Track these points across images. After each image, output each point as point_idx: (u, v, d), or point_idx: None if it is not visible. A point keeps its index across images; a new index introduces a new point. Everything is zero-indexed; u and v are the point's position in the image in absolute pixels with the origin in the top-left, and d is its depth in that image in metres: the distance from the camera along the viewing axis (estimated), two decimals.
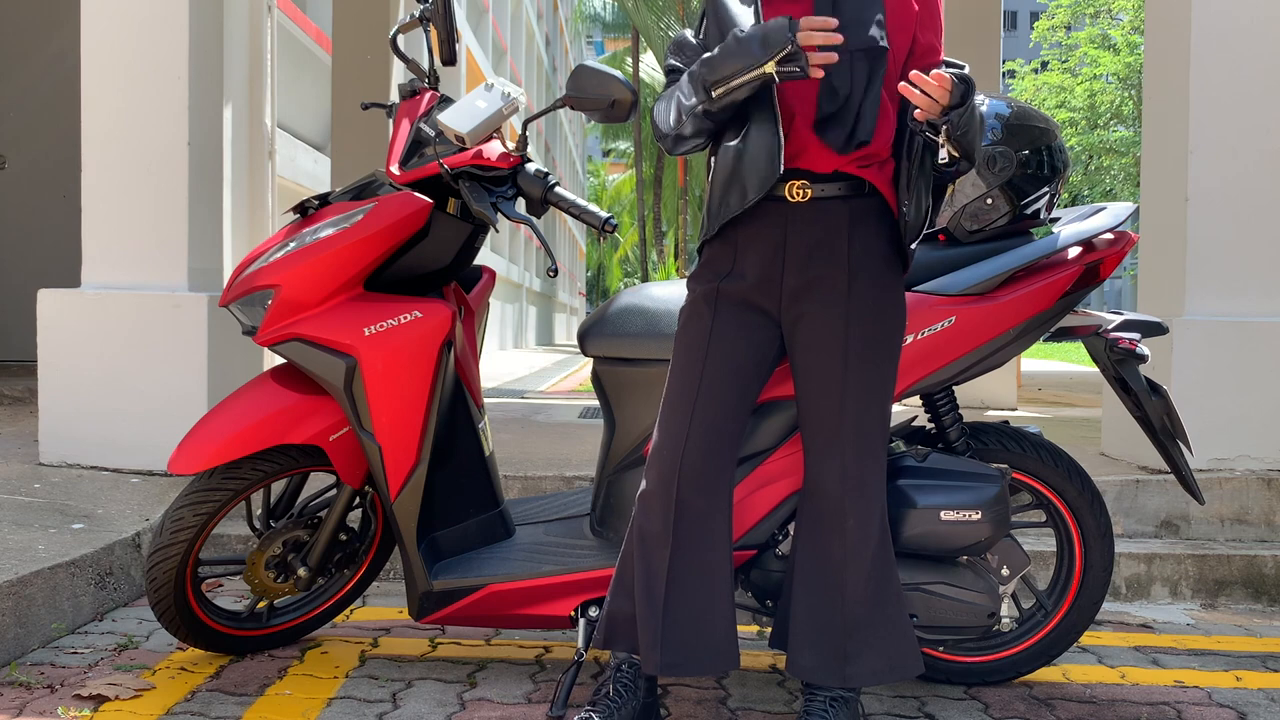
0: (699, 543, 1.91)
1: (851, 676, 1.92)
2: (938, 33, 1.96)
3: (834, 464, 1.90)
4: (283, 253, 2.22)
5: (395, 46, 2.35)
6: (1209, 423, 3.37)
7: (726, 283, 1.93)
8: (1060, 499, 2.31)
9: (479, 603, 2.24)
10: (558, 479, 3.28)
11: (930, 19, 1.95)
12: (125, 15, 3.45)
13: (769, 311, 1.93)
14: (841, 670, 1.92)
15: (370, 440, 2.18)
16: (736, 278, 1.92)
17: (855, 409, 1.89)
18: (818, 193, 1.88)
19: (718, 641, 1.93)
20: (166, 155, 3.44)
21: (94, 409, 3.39)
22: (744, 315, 1.93)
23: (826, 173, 1.88)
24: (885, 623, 1.93)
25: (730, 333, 1.92)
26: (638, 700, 1.98)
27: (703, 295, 1.95)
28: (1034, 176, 2.20)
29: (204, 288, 3.50)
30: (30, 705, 2.06)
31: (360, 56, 6.10)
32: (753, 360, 1.93)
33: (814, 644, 1.94)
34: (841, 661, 1.92)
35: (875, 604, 1.92)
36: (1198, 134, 3.47)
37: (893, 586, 1.95)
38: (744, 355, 1.92)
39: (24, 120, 6.95)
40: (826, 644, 1.92)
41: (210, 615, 2.33)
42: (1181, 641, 2.74)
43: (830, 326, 1.89)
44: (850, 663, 1.92)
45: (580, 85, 1.99)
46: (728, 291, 1.93)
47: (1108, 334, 2.25)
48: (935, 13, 1.95)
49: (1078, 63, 24.61)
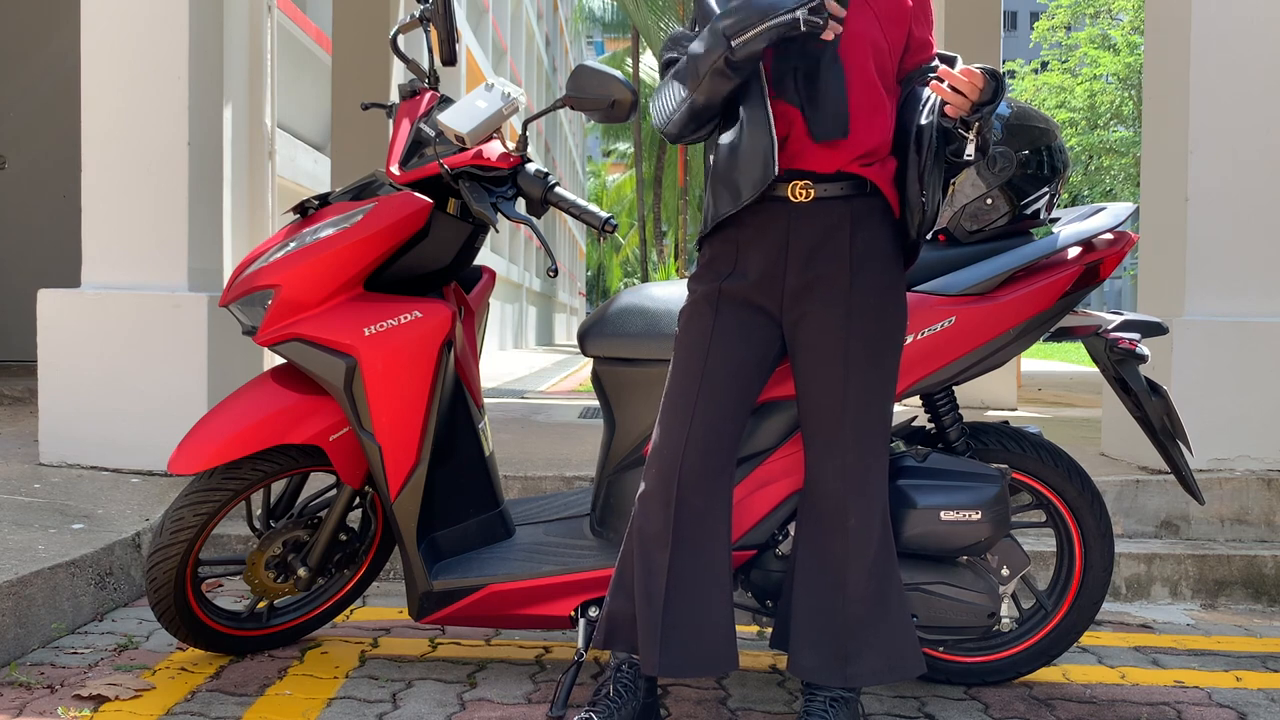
0: (699, 543, 1.91)
1: (852, 676, 1.92)
2: (930, 27, 1.96)
3: (835, 463, 1.90)
4: (283, 253, 2.22)
5: (395, 46, 2.35)
6: (1209, 423, 3.37)
7: (729, 283, 1.92)
8: (1060, 499, 2.31)
9: (479, 603, 2.24)
10: (558, 479, 3.28)
11: (923, 13, 1.94)
12: (125, 15, 3.45)
13: (770, 311, 1.93)
14: (842, 670, 1.92)
15: (370, 440, 2.18)
16: (739, 277, 1.92)
17: (856, 408, 1.89)
18: (820, 193, 1.87)
19: (717, 643, 1.93)
20: (166, 155, 3.44)
21: (94, 409, 3.39)
22: (745, 315, 1.93)
23: (829, 173, 1.88)
24: (886, 622, 1.93)
25: (731, 333, 1.92)
26: (638, 701, 1.98)
27: (704, 295, 1.94)
28: (1034, 177, 2.20)
29: (204, 288, 3.50)
30: (30, 705, 2.06)
31: (360, 56, 6.10)
32: (754, 360, 1.93)
33: (814, 644, 1.93)
34: (842, 661, 1.92)
35: (876, 603, 1.92)
36: (1198, 134, 3.47)
37: (894, 586, 1.95)
38: (745, 356, 1.92)
39: (24, 120, 6.95)
40: (827, 644, 1.92)
41: (210, 615, 2.33)
42: (1181, 642, 2.74)
43: (832, 326, 1.88)
44: (851, 662, 1.92)
45: (580, 85, 1.99)
46: (729, 291, 1.92)
47: (1108, 334, 2.25)
48: (928, 6, 1.95)
49: (1078, 63, 24.60)
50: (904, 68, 1.93)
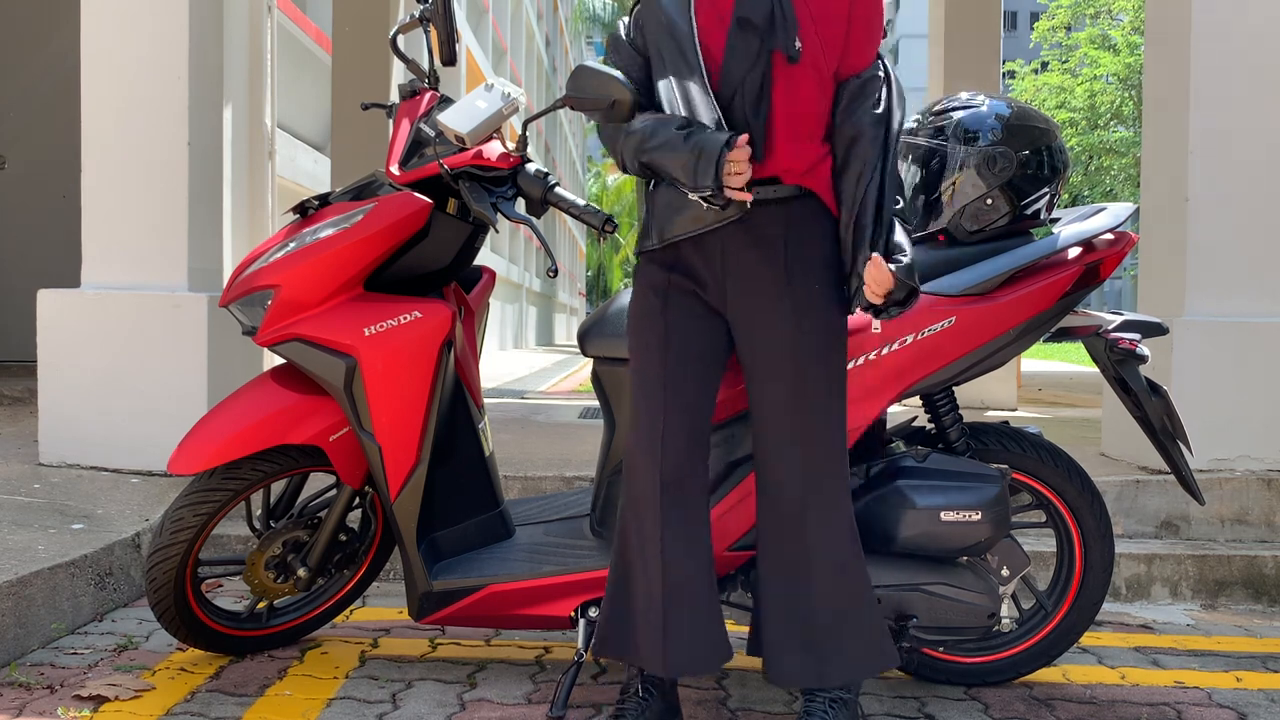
0: (690, 537, 1.92)
1: (829, 676, 1.92)
2: (873, 34, 1.90)
3: (787, 463, 1.90)
4: (283, 253, 2.22)
5: (395, 47, 2.35)
6: (1209, 423, 3.37)
7: (675, 274, 1.95)
8: (1060, 499, 2.31)
9: (479, 603, 2.24)
10: (558, 479, 3.28)
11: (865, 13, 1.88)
12: (125, 15, 3.45)
13: (714, 307, 1.96)
14: (818, 670, 1.92)
15: (370, 440, 2.18)
16: (683, 272, 1.95)
17: (806, 406, 1.89)
18: (756, 195, 1.87)
19: (715, 636, 1.94)
20: (166, 155, 3.44)
21: (94, 409, 3.39)
22: (694, 305, 1.95)
23: (764, 177, 1.88)
24: (857, 619, 1.93)
25: (683, 322, 1.94)
26: (663, 703, 1.98)
27: (650, 285, 1.96)
28: (1034, 177, 2.20)
29: (204, 288, 3.50)
30: (30, 705, 2.06)
31: (360, 56, 6.10)
32: (709, 346, 1.95)
33: (789, 649, 1.94)
34: (817, 663, 1.92)
35: (846, 602, 1.92)
36: (1198, 134, 3.47)
37: (862, 582, 1.95)
38: (700, 343, 1.94)
39: (24, 120, 6.94)
40: (801, 648, 1.92)
41: (210, 615, 2.33)
42: (1181, 642, 2.74)
43: (772, 325, 1.89)
44: (828, 662, 1.92)
45: (580, 85, 1.99)
46: (677, 283, 1.95)
47: (1108, 334, 2.25)
48: (876, 11, 1.89)
49: (1078, 63, 24.58)
50: (840, 72, 1.89)
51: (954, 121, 2.22)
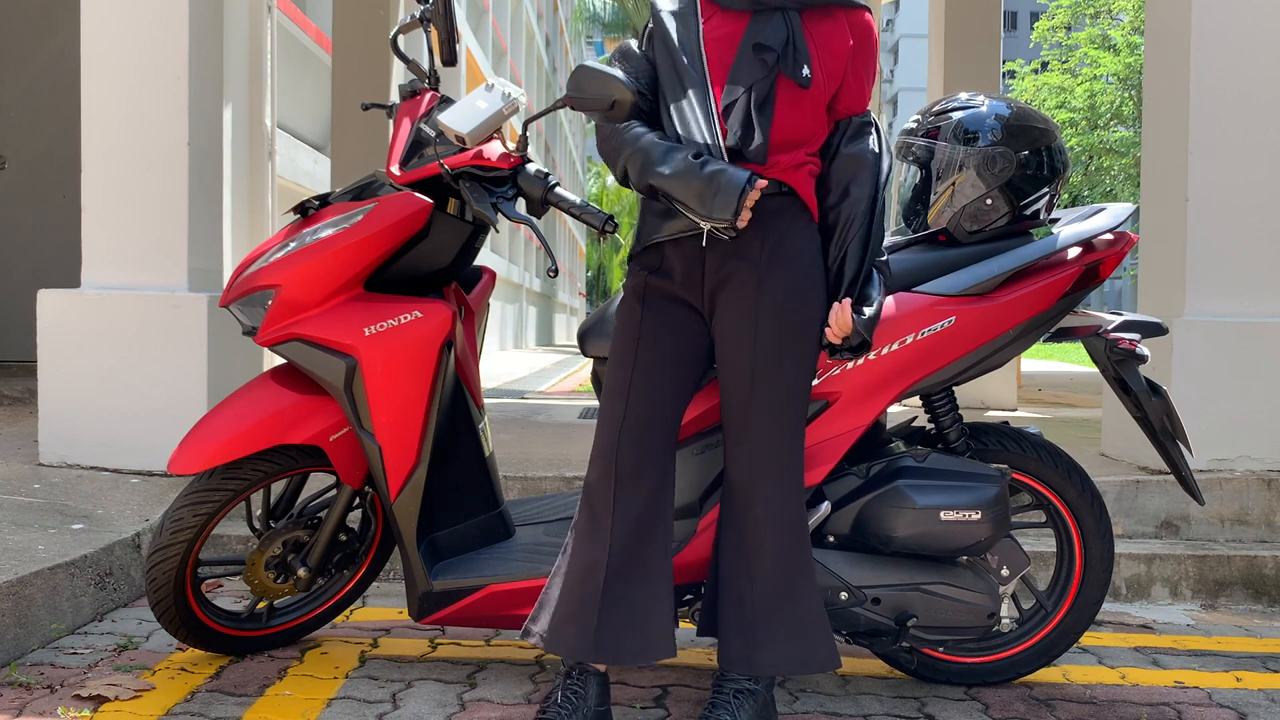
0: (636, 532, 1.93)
1: (760, 665, 1.94)
2: (870, 77, 2.00)
3: (743, 450, 1.95)
4: (283, 253, 2.22)
5: (395, 47, 2.35)
6: (1209, 423, 3.37)
7: (655, 278, 1.99)
8: (1060, 499, 2.31)
9: (479, 603, 2.24)
10: (558, 479, 3.28)
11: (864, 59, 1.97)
12: (125, 15, 3.45)
13: (695, 306, 1.99)
14: (750, 658, 1.94)
15: (370, 440, 2.18)
16: (664, 275, 1.99)
17: (766, 398, 1.93)
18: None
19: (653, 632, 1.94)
20: (166, 155, 3.44)
21: (94, 409, 3.39)
22: (673, 308, 1.99)
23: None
24: (795, 614, 1.95)
25: (658, 325, 1.98)
26: (588, 708, 1.96)
27: (633, 289, 2.02)
28: (1034, 177, 2.20)
29: (204, 288, 3.50)
30: (30, 705, 2.06)
31: (360, 56, 6.10)
32: (685, 349, 1.99)
33: (731, 632, 1.97)
34: (751, 650, 1.94)
35: (785, 594, 1.95)
36: (1198, 134, 3.47)
37: (806, 577, 1.97)
38: (674, 346, 1.98)
39: (24, 120, 6.94)
40: (739, 633, 1.96)
41: (210, 616, 2.33)
42: (1181, 642, 2.74)
43: (741, 318, 1.93)
44: (759, 650, 1.94)
45: (580, 85, 1.99)
46: (655, 286, 1.99)
47: (1108, 334, 2.25)
48: (870, 56, 1.98)
49: (1078, 63, 24.56)
50: (835, 110, 1.98)
51: (953, 122, 2.22)
